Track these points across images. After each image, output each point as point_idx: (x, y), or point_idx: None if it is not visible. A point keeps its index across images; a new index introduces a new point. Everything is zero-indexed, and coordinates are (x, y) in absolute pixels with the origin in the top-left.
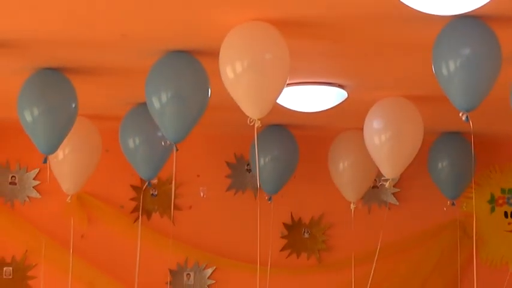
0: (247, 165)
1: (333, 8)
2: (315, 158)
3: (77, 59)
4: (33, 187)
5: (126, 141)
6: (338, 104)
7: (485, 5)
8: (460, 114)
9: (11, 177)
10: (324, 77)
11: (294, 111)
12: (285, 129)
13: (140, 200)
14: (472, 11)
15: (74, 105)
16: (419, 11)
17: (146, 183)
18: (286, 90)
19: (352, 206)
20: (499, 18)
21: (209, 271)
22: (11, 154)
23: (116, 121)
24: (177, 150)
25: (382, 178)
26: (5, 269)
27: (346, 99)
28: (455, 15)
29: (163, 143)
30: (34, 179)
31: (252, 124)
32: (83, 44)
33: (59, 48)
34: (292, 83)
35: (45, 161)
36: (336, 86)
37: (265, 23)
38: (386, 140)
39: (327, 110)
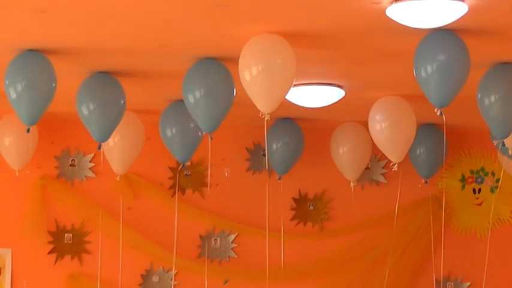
0: (263, 150)
1: (332, 22)
2: (318, 145)
3: (125, 64)
4: (89, 168)
5: (165, 131)
6: (337, 101)
7: (456, 20)
8: (435, 110)
9: (71, 161)
10: (325, 79)
11: (301, 106)
12: (293, 121)
13: (177, 178)
14: (446, 25)
15: (122, 102)
16: (403, 25)
17: (181, 165)
18: (294, 90)
19: (351, 184)
20: (467, 31)
21: (232, 236)
22: (71, 142)
23: (156, 115)
24: (211, 138)
25: (391, 164)
26: (66, 235)
27: (343, 97)
28: (432, 28)
29: (199, 134)
30: (90, 161)
31: (262, 117)
32: (131, 52)
33: (110, 55)
34: (299, 84)
35: (99, 148)
36: (335, 86)
37: (276, 35)
38: (384, 129)
39: (327, 106)
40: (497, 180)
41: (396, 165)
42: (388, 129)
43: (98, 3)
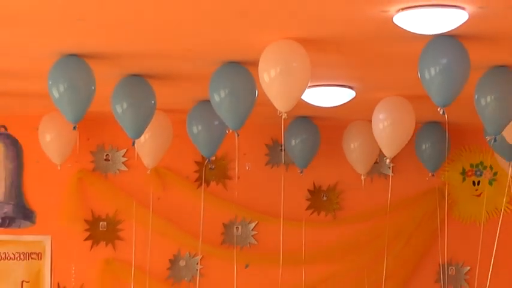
0: (281, 146)
1: (344, 29)
2: (331, 141)
3: (156, 68)
4: (122, 162)
5: (191, 128)
6: (348, 101)
7: (457, 27)
8: (438, 109)
9: (105, 155)
10: (337, 81)
11: (316, 106)
12: (309, 119)
13: (203, 172)
14: (448, 31)
15: (153, 102)
16: (409, 31)
17: (207, 160)
18: (309, 91)
19: (362, 177)
20: (467, 37)
21: (252, 225)
22: (105, 138)
23: (183, 114)
24: (238, 135)
25: (385, 158)
26: (100, 223)
27: (354, 97)
28: (435, 34)
29: (227, 131)
30: (123, 156)
31: (280, 116)
32: (161, 56)
33: (143, 59)
34: (314, 85)
35: (133, 144)
36: (346, 87)
37: (292, 41)
38: (386, 127)
39: (339, 105)
40: (495, 174)
41: (389, 159)
42: (390, 127)
43: (131, 12)
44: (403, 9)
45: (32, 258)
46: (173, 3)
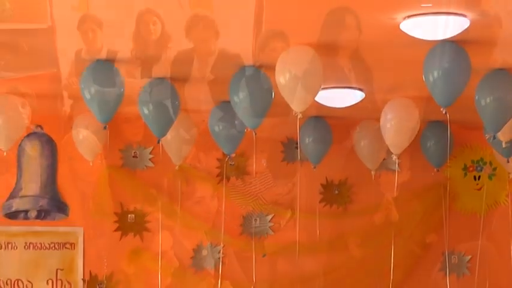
0: (296, 144)
1: (354, 35)
2: (342, 139)
3: (179, 71)
4: (149, 159)
5: (213, 127)
6: (358, 102)
7: (459, 33)
8: (441, 109)
9: (134, 153)
10: (347, 83)
11: (328, 106)
12: (322, 119)
13: (224, 168)
14: (450, 37)
15: (176, 103)
16: (415, 37)
17: (227, 157)
18: (322, 92)
19: (372, 173)
20: (468, 42)
21: (269, 217)
22: (133, 137)
23: (205, 114)
24: (255, 134)
25: (392, 155)
26: (129, 215)
27: (363, 98)
28: (439, 40)
29: (245, 130)
30: (150, 153)
31: (295, 115)
32: (184, 61)
33: (167, 63)
34: (326, 87)
35: (158, 142)
36: (356, 89)
37: (306, 46)
38: (392, 126)
39: (350, 106)
40: (494, 169)
41: (395, 156)
42: (397, 126)
43: (157, 20)
44: (409, 16)
45: (65, 248)
46: (196, 13)
